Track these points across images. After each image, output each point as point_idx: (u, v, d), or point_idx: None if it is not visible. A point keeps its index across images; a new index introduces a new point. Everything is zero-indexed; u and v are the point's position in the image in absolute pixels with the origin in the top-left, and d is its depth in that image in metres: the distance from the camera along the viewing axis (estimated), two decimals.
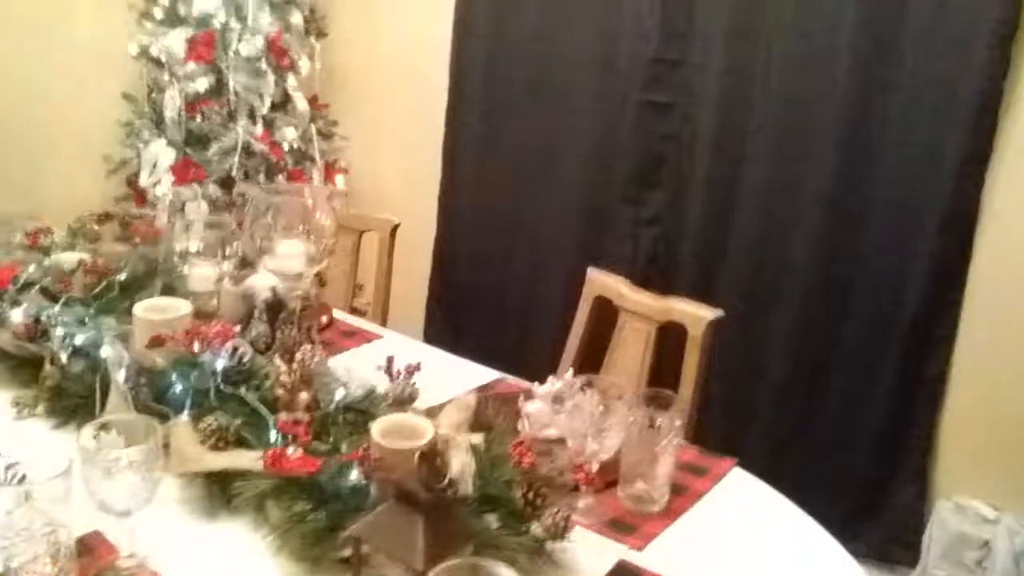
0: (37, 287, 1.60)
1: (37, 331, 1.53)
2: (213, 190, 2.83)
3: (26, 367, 1.54)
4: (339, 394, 1.25)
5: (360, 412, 1.30)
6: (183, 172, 2.84)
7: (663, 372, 1.60)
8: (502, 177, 2.92)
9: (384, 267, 2.04)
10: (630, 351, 1.62)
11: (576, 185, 2.78)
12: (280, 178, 2.92)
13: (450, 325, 3.16)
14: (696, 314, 1.55)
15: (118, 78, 3.02)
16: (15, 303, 1.59)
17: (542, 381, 1.36)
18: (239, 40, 2.78)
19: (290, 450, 1.12)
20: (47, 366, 1.48)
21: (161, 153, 2.86)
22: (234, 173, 2.85)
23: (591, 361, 1.72)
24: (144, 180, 2.91)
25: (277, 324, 1.39)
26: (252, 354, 1.37)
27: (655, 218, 2.68)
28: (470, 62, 2.91)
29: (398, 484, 0.99)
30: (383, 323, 2.03)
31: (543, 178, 2.84)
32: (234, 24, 2.79)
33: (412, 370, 1.32)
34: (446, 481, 0.97)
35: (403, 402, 1.27)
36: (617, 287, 1.71)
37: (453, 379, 1.64)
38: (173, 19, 2.83)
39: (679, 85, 2.54)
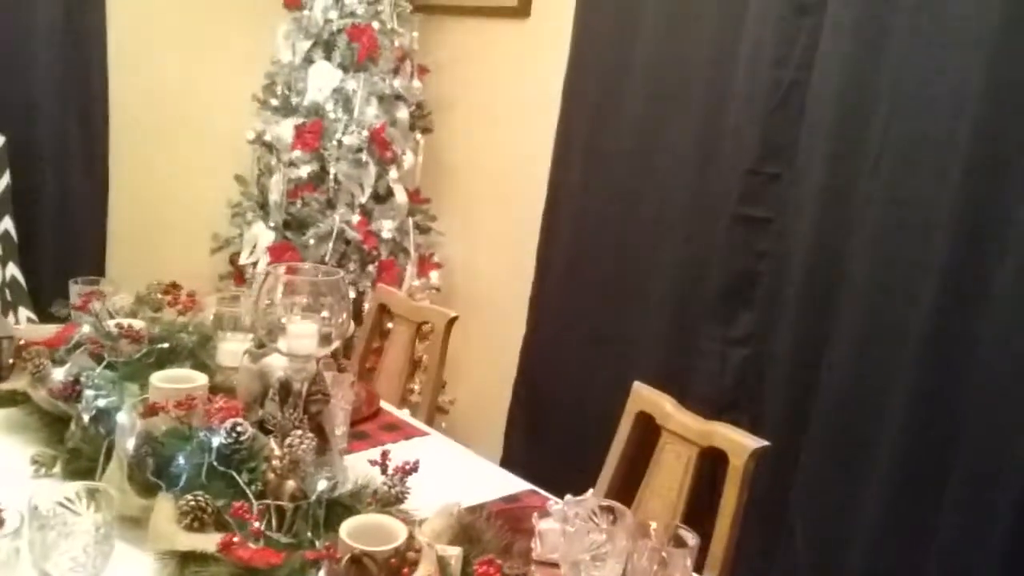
0: (83, 348, 1.63)
1: (75, 391, 1.54)
2: None
3: (55, 425, 1.55)
4: (321, 485, 1.18)
5: (346, 508, 1.21)
6: (279, 254, 2.91)
7: (703, 503, 1.45)
8: (592, 286, 2.84)
9: (436, 361, 1.98)
10: (668, 475, 1.47)
11: (665, 299, 2.66)
12: (371, 268, 2.95)
13: (530, 426, 3.05)
14: (739, 442, 1.40)
15: (235, 161, 3.19)
16: (61, 362, 1.62)
17: None
18: (344, 131, 2.87)
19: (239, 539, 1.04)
20: (72, 426, 1.49)
21: (261, 234, 2.95)
22: (328, 259, 2.90)
23: (632, 481, 1.58)
24: (243, 259, 3.00)
25: (286, 407, 1.34)
26: (254, 434, 1.32)
27: (746, 338, 2.52)
28: (567, 172, 2.88)
29: None
30: (430, 420, 1.96)
31: (632, 290, 2.74)
32: (341, 115, 2.89)
33: (408, 470, 1.23)
34: None
35: (389, 503, 1.18)
36: (661, 404, 1.58)
37: (475, 485, 1.54)
38: (287, 108, 2.97)
39: (776, 199, 2.41)
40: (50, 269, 2.86)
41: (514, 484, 1.59)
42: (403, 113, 2.97)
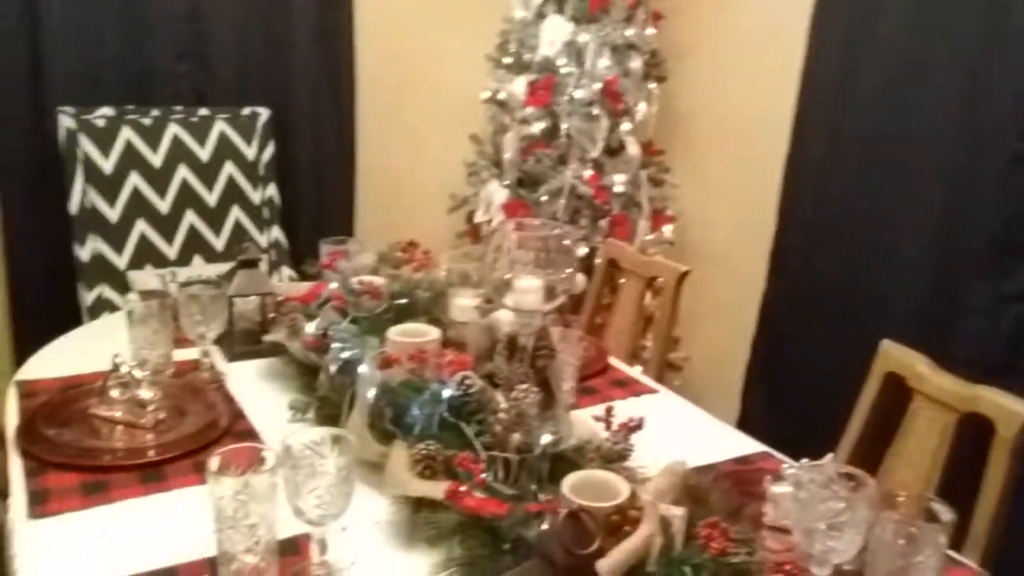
0: (330, 304, 1.74)
1: (324, 344, 1.65)
2: None
3: (308, 375, 1.67)
4: (544, 439, 1.17)
5: (569, 463, 1.21)
6: (513, 211, 2.96)
7: (963, 475, 1.29)
8: (840, 238, 2.63)
9: (666, 316, 1.93)
10: (921, 444, 1.33)
11: (924, 250, 2.42)
12: (602, 223, 2.93)
13: (769, 387, 2.92)
14: (1010, 408, 1.23)
15: (471, 121, 3.27)
16: (312, 317, 1.74)
17: None
18: (576, 84, 2.85)
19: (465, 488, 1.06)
20: (321, 376, 1.60)
21: (495, 193, 3.01)
22: (560, 215, 2.91)
23: (877, 448, 1.45)
24: (478, 217, 3.09)
25: (512, 361, 1.35)
26: (482, 387, 1.34)
27: (1022, 294, 2.23)
28: (814, 115, 2.68)
29: (538, 543, 0.89)
30: (659, 377, 1.91)
31: (886, 241, 2.51)
32: (572, 69, 2.86)
33: (633, 427, 1.20)
34: (592, 548, 0.85)
35: (611, 459, 1.16)
36: (914, 365, 1.42)
37: (705, 445, 1.48)
38: (520, 65, 2.99)
39: None
40: (307, 230, 3.09)
41: (746, 445, 1.51)
42: (636, 63, 2.89)
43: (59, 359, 1.81)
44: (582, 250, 2.92)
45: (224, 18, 2.91)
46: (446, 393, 1.32)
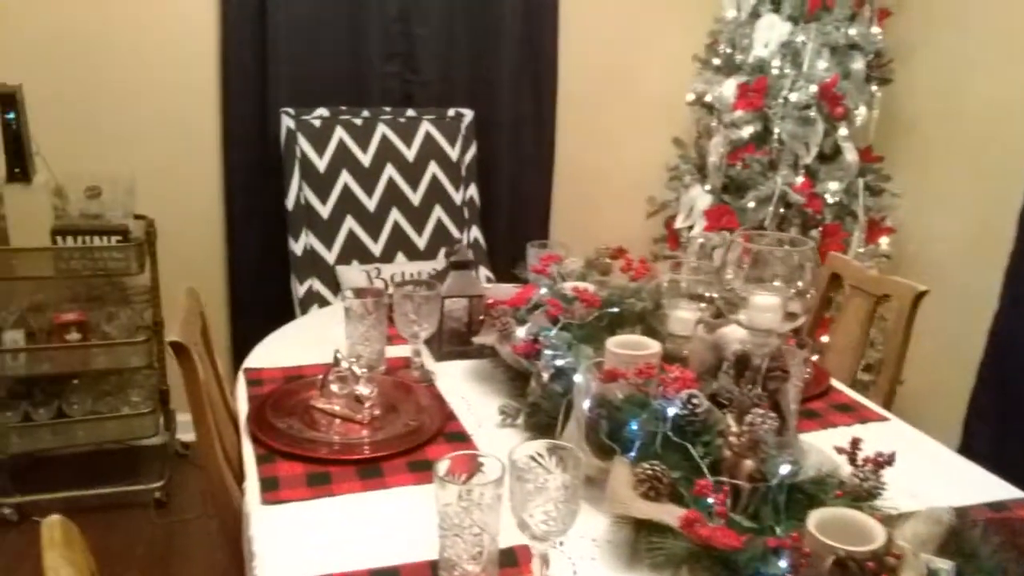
0: (541, 309, 1.71)
1: (534, 349, 1.63)
2: None
3: (519, 380, 1.66)
4: (783, 469, 1.09)
5: (807, 496, 1.11)
6: (716, 218, 2.85)
7: None
8: None
9: (899, 339, 1.77)
10: None
11: None
12: (814, 233, 2.76)
13: (998, 415, 2.65)
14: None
15: (673, 124, 3.18)
16: (523, 322, 1.73)
17: None
18: (791, 87, 2.70)
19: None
20: (532, 382, 1.57)
21: (699, 198, 2.91)
22: (767, 223, 2.77)
23: None
24: (679, 223, 2.99)
25: (742, 381, 1.27)
26: (708, 407, 1.27)
27: None
28: None
29: None
30: (887, 404, 1.76)
31: None
32: (788, 70, 2.72)
33: (881, 462, 1.09)
34: None
35: (859, 497, 1.06)
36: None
37: (951, 486, 1.34)
38: (730, 67, 2.87)
39: None
40: (503, 231, 3.11)
41: (1001, 489, 1.36)
42: (858, 64, 2.71)
43: (280, 349, 1.89)
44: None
45: (432, 20, 2.96)
46: (671, 411, 1.26)
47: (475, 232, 2.93)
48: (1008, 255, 2.63)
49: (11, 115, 2.22)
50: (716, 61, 2.91)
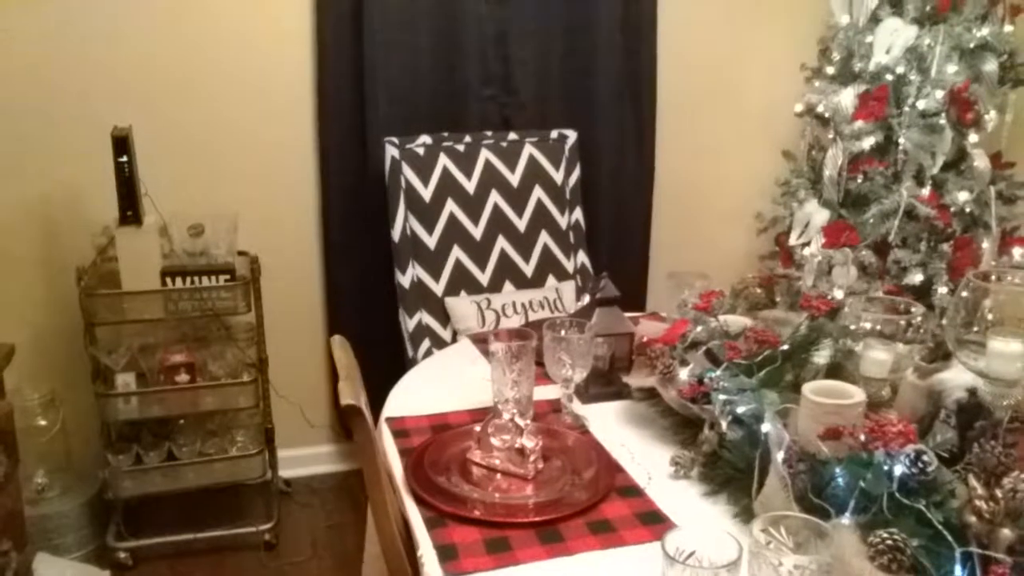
0: (703, 348, 1.61)
1: (700, 392, 1.52)
2: (866, 255, 2.65)
3: (687, 427, 1.55)
4: None
5: None
6: (835, 234, 2.71)
7: None
8: None
9: None
10: None
11: None
12: (944, 247, 2.61)
13: None
14: None
15: (779, 136, 3.05)
16: (683, 362, 1.62)
17: None
18: (917, 94, 2.56)
19: None
20: (706, 430, 1.47)
21: (815, 213, 2.78)
22: (891, 238, 2.63)
23: None
24: (793, 239, 2.86)
25: (971, 434, 1.15)
26: (938, 465, 1.15)
27: None
28: None
29: None
30: None
31: None
32: (913, 76, 2.58)
33: None
34: None
35: None
36: None
37: None
38: (845, 75, 2.74)
39: None
40: (606, 253, 3.01)
41: None
42: (991, 65, 2.56)
43: (418, 395, 1.81)
44: (918, 277, 2.63)
45: (529, 41, 2.88)
46: (898, 470, 1.14)
47: (582, 256, 2.83)
48: None
49: (123, 158, 2.18)
50: (829, 70, 2.77)
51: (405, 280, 2.61)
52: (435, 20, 2.79)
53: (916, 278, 2.61)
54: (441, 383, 1.88)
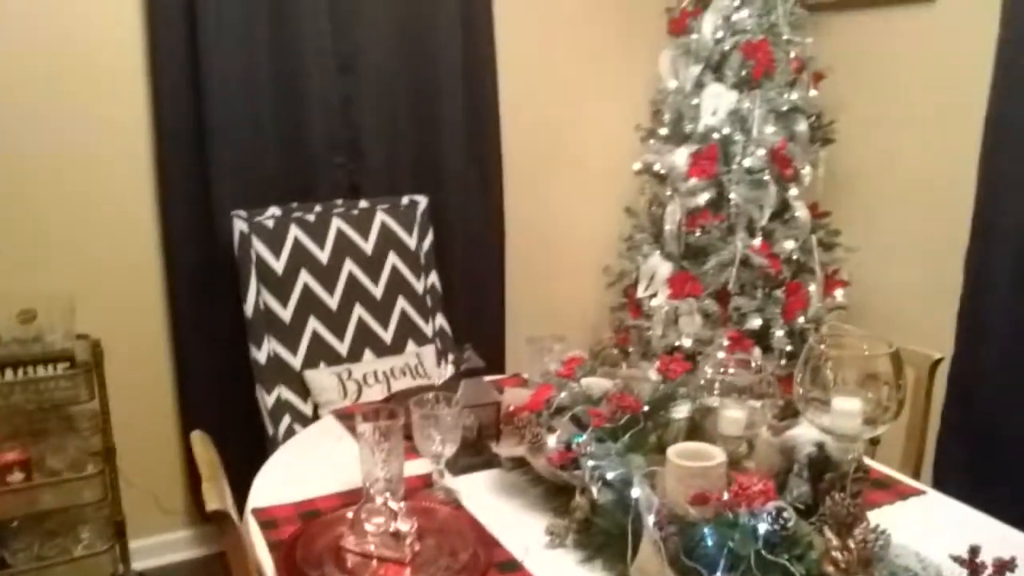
0: (568, 414, 1.65)
1: (569, 459, 1.56)
2: (708, 303, 2.81)
3: (560, 494, 1.58)
4: None
5: None
6: (679, 285, 2.86)
7: None
8: None
9: (921, 409, 1.79)
10: None
11: None
12: (777, 293, 2.80)
13: (968, 460, 2.72)
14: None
15: (620, 193, 3.20)
16: (550, 428, 1.65)
17: None
18: (743, 153, 2.75)
19: None
20: (577, 497, 1.50)
21: (659, 266, 2.92)
22: (730, 287, 2.80)
23: None
24: (640, 292, 2.99)
25: (821, 486, 1.23)
26: (796, 519, 1.23)
27: None
28: (1005, 165, 2.53)
29: None
30: (916, 474, 1.77)
31: None
32: (738, 137, 2.77)
33: (1003, 567, 1.07)
34: None
35: None
36: None
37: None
38: (678, 136, 2.91)
39: None
40: (463, 314, 3.03)
41: None
42: (802, 126, 2.79)
43: (282, 481, 1.75)
44: (756, 322, 2.80)
45: (374, 107, 2.90)
46: (761, 527, 1.21)
47: (440, 320, 2.85)
48: (958, 299, 2.74)
49: None
50: (662, 131, 2.94)
51: (261, 355, 2.54)
52: (279, 89, 2.77)
53: (755, 323, 2.79)
54: (307, 466, 1.83)
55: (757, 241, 2.80)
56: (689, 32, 2.86)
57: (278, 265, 2.59)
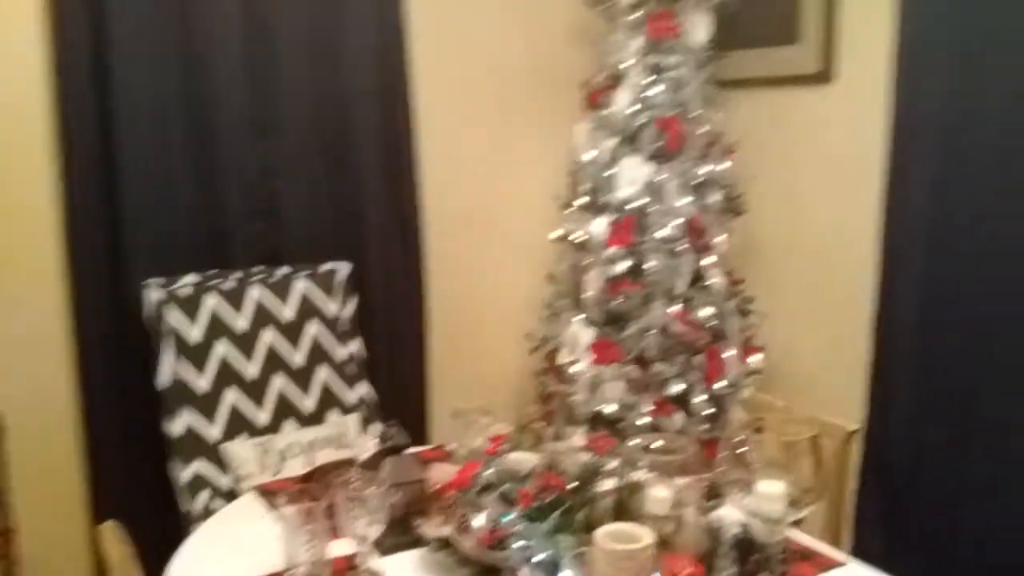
0: (496, 493, 1.65)
1: (496, 539, 1.56)
2: (631, 370, 2.86)
3: (480, 573, 1.57)
4: None
5: None
6: (601, 351, 2.90)
7: None
8: (951, 364, 2.58)
9: (839, 480, 1.85)
10: None
11: None
12: (697, 359, 2.87)
13: (887, 523, 2.80)
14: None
15: (543, 260, 3.24)
16: (476, 506, 1.65)
17: None
18: (659, 223, 2.83)
19: None
20: None
21: (581, 332, 2.96)
22: (651, 353, 2.85)
23: None
24: (563, 358, 3.02)
25: (747, 567, 1.26)
26: None
27: None
28: (904, 237, 2.66)
29: None
30: (836, 541, 1.82)
31: (1010, 373, 2.45)
32: (654, 207, 2.86)
33: None
34: None
35: None
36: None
37: None
38: (596, 206, 2.97)
39: None
40: (386, 381, 3.01)
41: None
42: (715, 197, 2.89)
43: (202, 563, 1.70)
44: (677, 387, 2.86)
45: (294, 174, 2.89)
46: None
47: (363, 389, 2.81)
48: (865, 365, 2.85)
49: None
50: (581, 200, 3.01)
51: (176, 429, 2.47)
52: (195, 155, 2.73)
53: (677, 388, 2.85)
54: (227, 547, 1.78)
55: (676, 308, 2.87)
56: (605, 106, 2.95)
57: (194, 334, 2.53)
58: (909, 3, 2.58)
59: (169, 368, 2.49)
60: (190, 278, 2.60)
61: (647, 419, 2.83)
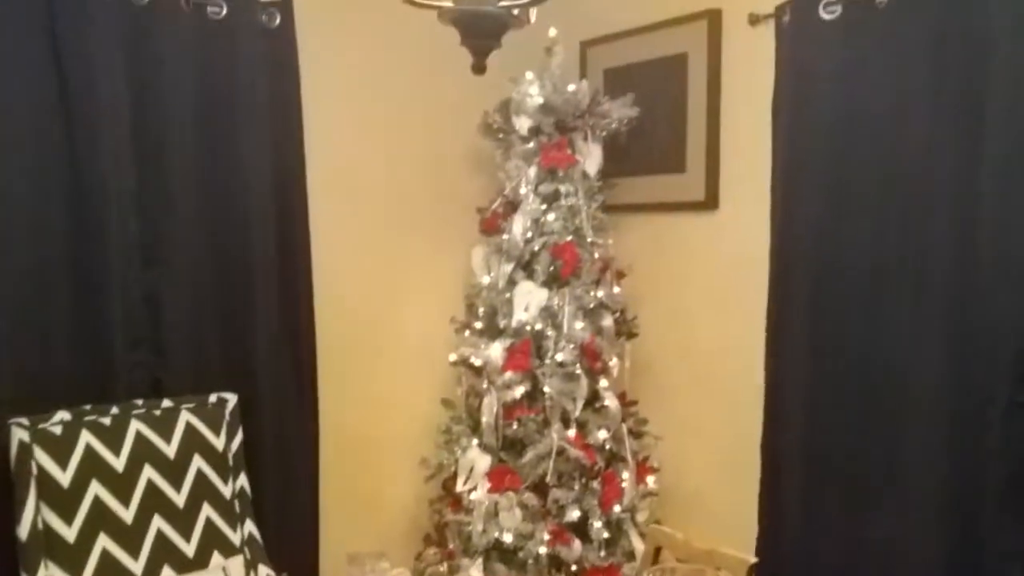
0: None
1: None
2: (528, 497, 2.81)
3: None
4: None
5: None
6: (498, 479, 2.85)
7: None
8: (836, 488, 2.65)
9: None
10: None
11: (930, 498, 2.45)
12: (594, 483, 2.85)
13: None
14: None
15: (438, 385, 3.20)
16: None
17: None
18: (555, 347, 2.85)
19: None
20: None
21: (478, 459, 2.91)
22: (548, 479, 2.82)
23: None
24: (460, 486, 2.95)
25: None
26: None
27: None
28: (788, 360, 2.76)
29: None
30: None
31: (888, 494, 2.53)
32: (550, 332, 2.88)
33: None
34: None
35: None
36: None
37: None
38: (492, 330, 2.97)
39: None
40: (274, 518, 2.85)
41: None
42: (608, 321, 2.94)
43: None
44: (575, 514, 2.82)
45: (179, 303, 2.77)
46: None
47: (249, 526, 2.65)
48: (757, 482, 2.89)
49: None
50: (478, 324, 3.00)
51: None
52: (75, 283, 2.59)
53: (574, 514, 2.82)
54: None
55: (572, 432, 2.86)
56: (501, 232, 2.99)
57: (64, 477, 2.34)
58: (782, 137, 2.76)
59: (31, 516, 2.28)
60: (62, 415, 2.43)
61: (544, 549, 2.77)
